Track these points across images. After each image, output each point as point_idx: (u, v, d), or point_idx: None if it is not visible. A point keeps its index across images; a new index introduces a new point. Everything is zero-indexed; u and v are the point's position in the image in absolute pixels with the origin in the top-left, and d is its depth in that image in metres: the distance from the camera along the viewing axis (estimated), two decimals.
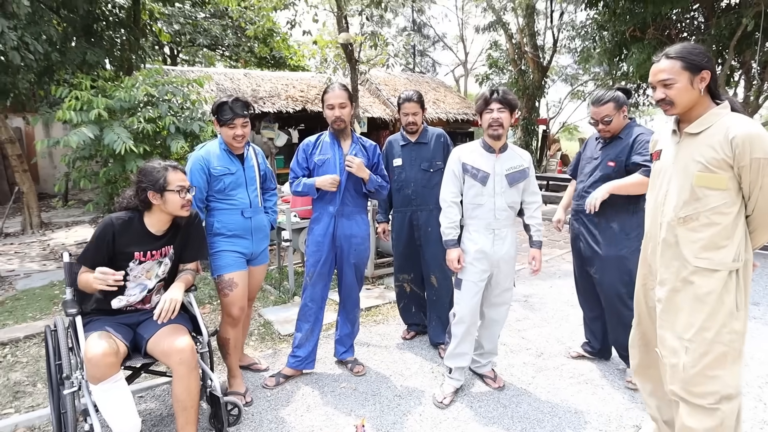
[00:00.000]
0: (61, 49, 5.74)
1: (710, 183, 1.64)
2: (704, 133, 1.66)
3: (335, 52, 9.36)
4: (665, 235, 1.76)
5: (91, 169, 5.12)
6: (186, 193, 2.02)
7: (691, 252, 1.69)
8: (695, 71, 1.65)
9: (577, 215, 2.73)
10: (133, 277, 2.04)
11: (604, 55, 8.48)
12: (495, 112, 2.31)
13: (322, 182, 2.50)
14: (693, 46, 1.70)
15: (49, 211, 8.66)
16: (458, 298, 2.48)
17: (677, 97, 1.67)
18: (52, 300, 4.03)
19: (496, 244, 2.40)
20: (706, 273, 1.67)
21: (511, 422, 2.32)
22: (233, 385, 2.49)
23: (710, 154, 1.63)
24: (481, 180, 2.37)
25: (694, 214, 1.68)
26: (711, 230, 1.66)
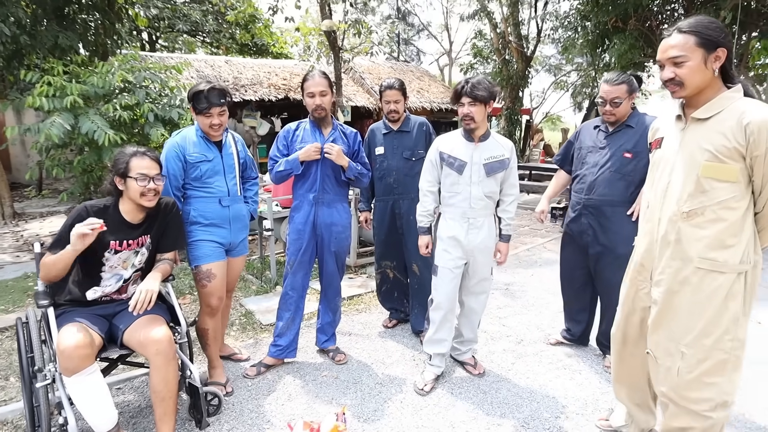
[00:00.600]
0: (31, 32, 5.51)
1: (719, 174, 1.48)
2: (714, 119, 1.50)
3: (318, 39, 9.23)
4: (665, 231, 1.61)
5: (65, 157, 4.97)
6: (149, 181, 1.94)
7: (695, 250, 1.53)
8: (710, 48, 1.46)
9: (586, 210, 2.59)
10: (109, 267, 1.99)
11: (587, 46, 8.55)
12: (466, 107, 2.30)
13: (305, 153, 2.45)
14: (710, 20, 1.50)
15: (23, 201, 8.40)
16: (435, 284, 2.50)
17: (688, 77, 1.49)
18: (25, 292, 3.93)
19: (471, 233, 2.41)
20: (711, 274, 1.52)
21: (491, 407, 2.35)
22: (214, 376, 2.47)
23: (720, 141, 1.47)
24: (457, 169, 2.38)
25: (700, 208, 1.52)
26: (717, 227, 1.50)
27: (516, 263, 4.86)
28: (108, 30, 6.83)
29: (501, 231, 2.54)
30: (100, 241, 1.93)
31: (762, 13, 6.39)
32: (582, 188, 2.62)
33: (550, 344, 3.01)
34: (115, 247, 1.97)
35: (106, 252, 1.96)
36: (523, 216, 7.53)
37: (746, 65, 7.40)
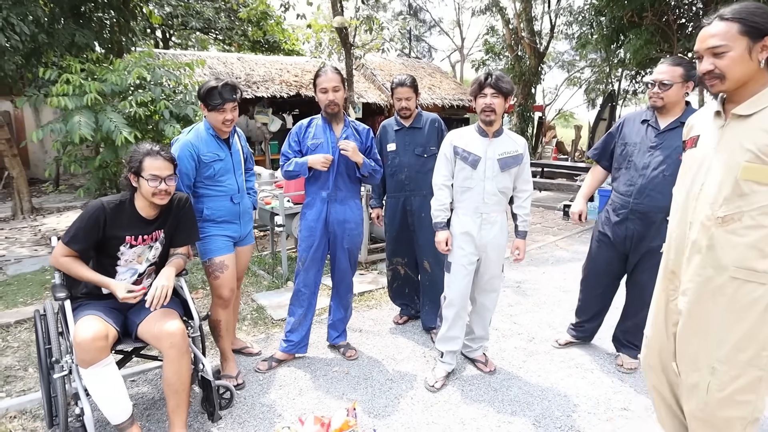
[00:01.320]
0: (49, 31, 5.60)
1: (761, 176, 1.35)
2: (758, 116, 1.37)
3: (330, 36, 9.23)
4: (696, 236, 1.49)
5: (82, 153, 5.05)
6: (160, 182, 1.94)
7: (730, 259, 1.42)
8: (756, 37, 1.33)
9: (633, 215, 2.41)
10: (124, 261, 2.02)
11: (602, 41, 8.42)
12: (488, 98, 2.28)
13: (314, 161, 2.46)
14: (757, 5, 1.36)
15: (41, 197, 8.57)
16: (448, 281, 2.49)
17: (729, 69, 1.36)
18: (43, 285, 4.01)
19: (484, 229, 2.40)
20: (748, 285, 1.41)
21: (502, 405, 2.34)
22: (226, 368, 2.50)
23: (764, 140, 1.34)
24: (471, 163, 2.36)
25: (737, 213, 1.39)
26: (756, 234, 1.38)
27: (528, 261, 4.82)
28: (123, 28, 6.91)
29: (517, 227, 2.50)
30: (116, 236, 1.96)
31: None
32: (630, 191, 2.42)
33: (560, 346, 2.94)
34: (130, 241, 2.00)
35: (121, 246, 1.99)
36: (535, 213, 7.47)
37: None
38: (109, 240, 1.96)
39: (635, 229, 2.43)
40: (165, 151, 2.00)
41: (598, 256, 2.66)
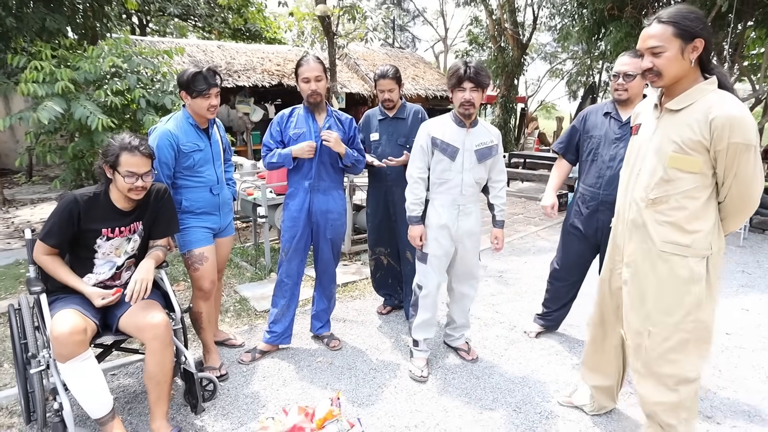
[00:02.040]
0: (17, 15, 5.38)
1: (683, 165, 1.54)
2: (685, 111, 1.54)
3: (312, 24, 9.11)
4: (634, 215, 1.70)
5: (56, 143, 4.90)
6: (137, 179, 1.90)
7: (659, 235, 1.62)
8: (688, 39, 1.49)
9: (604, 206, 2.45)
10: (102, 254, 1.98)
11: (583, 34, 8.49)
12: (467, 92, 2.24)
13: (299, 150, 2.43)
14: (689, 9, 1.52)
15: (12, 188, 8.29)
16: (423, 272, 2.49)
17: (665, 68, 1.52)
18: (17, 279, 3.90)
19: (461, 220, 2.41)
20: (674, 258, 1.60)
21: (483, 393, 2.39)
22: (209, 360, 2.48)
23: (687, 134, 1.52)
24: (450, 155, 2.34)
25: (665, 196, 1.59)
26: (680, 214, 1.58)
27: (510, 251, 4.89)
28: (97, 13, 6.68)
29: (495, 217, 2.52)
30: (92, 229, 1.92)
31: (757, 2, 6.38)
32: (599, 183, 2.47)
33: (532, 338, 2.95)
34: (107, 234, 1.96)
35: (98, 239, 1.95)
36: (516, 204, 7.56)
37: (741, 54, 7.41)
38: (85, 233, 1.92)
39: (605, 220, 2.45)
40: (143, 146, 1.92)
41: (569, 249, 2.70)
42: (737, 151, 1.46)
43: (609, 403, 2.18)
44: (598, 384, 2.13)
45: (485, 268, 4.29)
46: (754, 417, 2.22)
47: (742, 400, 2.35)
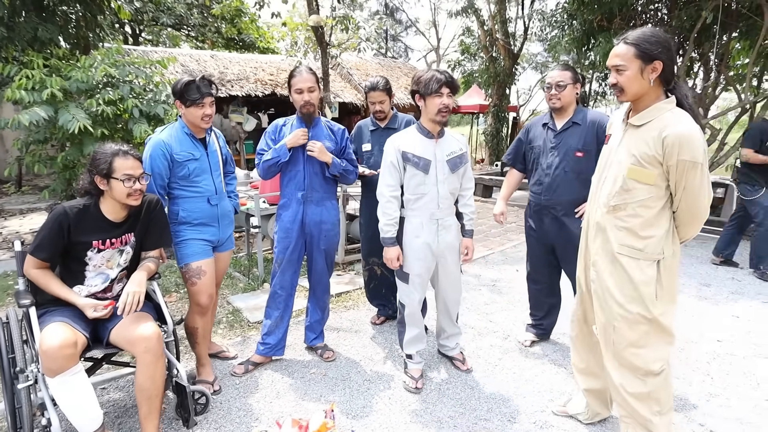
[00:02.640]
0: (9, 24, 5.36)
1: (640, 177, 1.68)
2: (644, 127, 1.68)
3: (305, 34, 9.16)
4: (599, 218, 1.84)
5: (46, 153, 4.85)
6: (134, 182, 1.91)
7: (616, 239, 1.77)
8: (647, 61, 1.62)
9: (547, 210, 2.63)
10: (93, 266, 1.96)
11: (573, 44, 8.61)
12: (445, 98, 2.20)
13: (293, 139, 2.43)
14: (652, 33, 1.65)
15: (2, 198, 8.20)
16: (406, 291, 2.43)
17: (626, 85, 1.67)
18: (5, 291, 3.84)
19: (441, 235, 2.35)
20: (628, 260, 1.75)
21: (478, 402, 2.38)
22: (202, 374, 2.45)
23: (643, 149, 1.66)
24: (423, 168, 2.27)
25: (623, 204, 1.74)
26: (635, 221, 1.72)
27: (503, 260, 4.91)
28: (89, 23, 6.67)
29: (464, 227, 2.47)
30: (82, 242, 1.90)
31: (742, 14, 6.52)
32: (540, 189, 2.66)
33: (525, 346, 2.97)
34: (98, 246, 1.94)
35: (88, 251, 1.93)
36: (510, 213, 7.60)
37: (726, 65, 7.55)
38: (75, 245, 1.90)
39: (549, 223, 2.65)
40: (133, 150, 1.95)
41: (532, 250, 2.85)
42: (685, 167, 1.60)
43: (603, 410, 2.19)
44: (590, 387, 2.15)
45: (479, 277, 4.30)
46: (746, 424, 2.23)
47: (734, 406, 2.37)
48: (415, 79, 2.29)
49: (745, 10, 6.29)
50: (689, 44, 7.01)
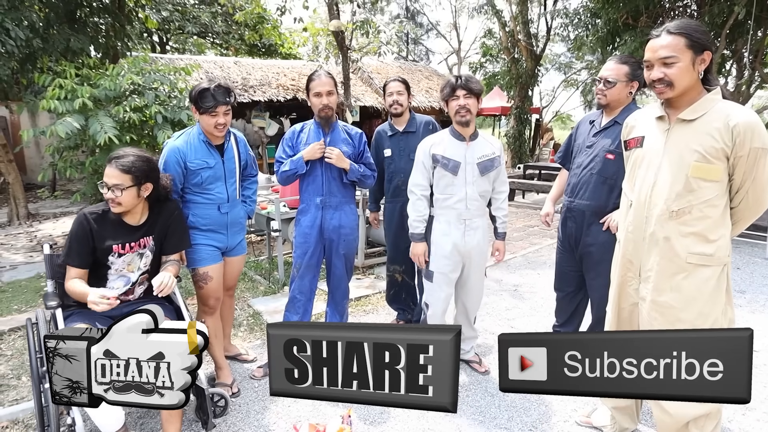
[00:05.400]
0: (44, 36, 5.59)
1: (707, 174, 1.55)
2: (700, 120, 1.56)
3: (327, 39, 9.24)
4: (653, 229, 1.66)
5: (77, 158, 5.03)
6: (108, 190, 1.89)
7: (683, 247, 1.61)
8: (698, 51, 1.52)
9: (570, 213, 2.46)
10: (115, 270, 2.01)
11: (597, 43, 8.42)
12: (461, 99, 2.27)
13: (310, 152, 2.43)
14: (696, 23, 1.58)
15: (37, 202, 8.54)
16: (431, 290, 2.45)
17: (678, 78, 1.53)
18: (37, 292, 3.98)
19: (468, 235, 2.38)
20: (699, 269, 1.60)
21: (498, 411, 2.33)
22: (220, 377, 2.48)
23: (709, 142, 1.53)
24: (452, 169, 2.32)
25: (687, 207, 1.59)
26: (703, 224, 1.59)
27: (525, 264, 4.81)
28: (118, 32, 6.91)
29: (497, 229, 2.52)
30: (103, 247, 1.95)
31: None
32: (568, 191, 2.49)
33: None
34: (117, 250, 1.98)
35: (109, 256, 1.97)
36: (532, 216, 7.46)
37: (761, 62, 7.25)
38: (97, 250, 1.95)
39: (573, 227, 2.46)
40: (124, 160, 1.91)
41: (559, 258, 2.69)
42: (758, 155, 1.50)
43: (630, 424, 2.10)
44: (616, 404, 2.07)
45: (500, 282, 4.23)
46: None
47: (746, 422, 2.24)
48: (440, 88, 2.44)
49: None
50: (721, 40, 6.75)
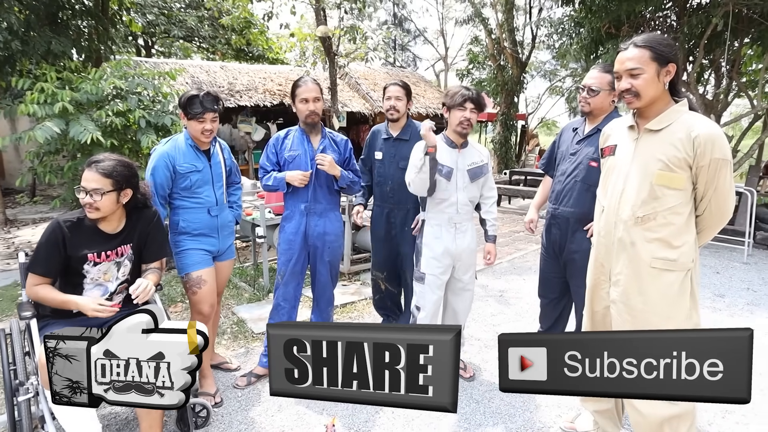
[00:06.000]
0: (24, 38, 5.49)
1: (670, 182, 1.62)
2: (665, 131, 1.63)
3: (314, 45, 9.24)
4: (621, 234, 1.73)
5: (57, 164, 4.93)
6: (86, 195, 1.83)
7: (648, 252, 1.67)
8: (663, 63, 1.60)
9: (555, 220, 2.49)
10: (90, 279, 1.95)
11: (581, 51, 8.58)
12: (468, 112, 2.33)
13: (291, 177, 2.44)
14: (661, 36, 1.66)
15: (15, 207, 8.33)
16: (421, 292, 2.48)
17: (643, 89, 1.61)
18: (14, 300, 3.87)
19: (458, 238, 2.44)
20: (663, 273, 1.66)
21: (483, 418, 2.33)
22: (204, 386, 2.44)
23: (672, 152, 1.60)
24: (445, 175, 2.38)
25: (652, 213, 1.66)
26: (667, 230, 1.65)
27: (511, 269, 4.84)
28: (101, 36, 6.81)
29: (487, 232, 2.59)
30: (78, 255, 1.89)
31: (753, 20, 6.44)
32: (551, 197, 2.53)
33: None
34: (93, 259, 1.92)
35: (84, 264, 1.92)
36: (518, 221, 7.53)
37: (738, 71, 7.45)
38: (71, 258, 1.89)
39: (557, 234, 2.48)
40: (104, 164, 1.87)
41: (543, 265, 2.69)
42: (718, 166, 1.56)
43: (613, 428, 2.12)
44: (597, 408, 2.08)
45: (485, 287, 4.24)
46: None
47: (751, 423, 2.28)
48: (446, 92, 2.48)
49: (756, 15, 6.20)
50: (699, 51, 6.93)
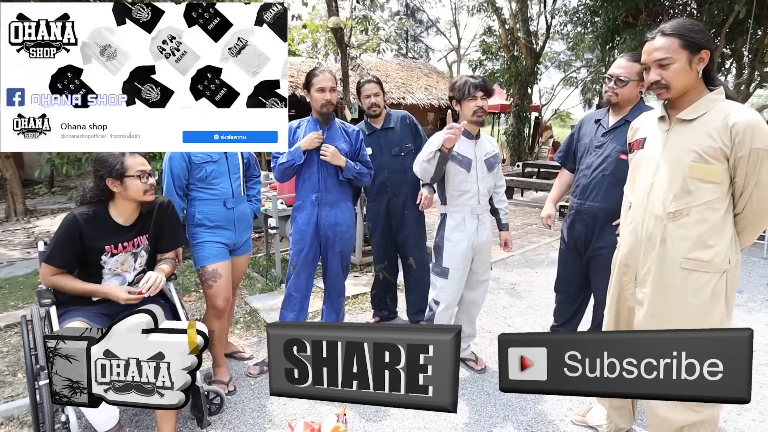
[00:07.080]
0: None
1: (705, 175, 1.50)
2: (699, 120, 1.52)
3: (326, 36, 9.21)
4: (650, 232, 1.63)
5: (74, 155, 5.01)
6: (147, 177, 1.94)
7: (680, 251, 1.56)
8: (694, 51, 1.49)
9: (579, 216, 2.39)
10: (109, 269, 1.99)
11: (597, 41, 8.42)
12: (479, 100, 2.33)
13: (307, 142, 2.42)
14: (692, 22, 1.54)
15: (34, 198, 8.52)
16: (444, 286, 2.46)
17: (674, 80, 1.51)
18: (34, 288, 3.97)
19: (480, 230, 2.46)
20: (695, 274, 1.55)
21: (494, 410, 2.33)
22: (218, 374, 2.48)
23: (707, 142, 1.49)
24: (466, 166, 2.39)
25: (685, 209, 1.54)
26: (702, 228, 1.53)
27: (523, 262, 4.81)
28: None
29: (501, 221, 2.62)
30: (95, 247, 1.93)
31: None
32: (576, 192, 2.42)
33: None
34: (110, 251, 1.96)
35: (102, 256, 1.96)
36: (530, 214, 7.47)
37: (761, 60, 7.24)
38: (88, 251, 1.93)
39: (582, 230, 2.39)
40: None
41: (563, 261, 2.62)
42: (759, 157, 1.44)
43: (626, 423, 2.10)
44: (612, 403, 2.07)
45: (497, 280, 4.23)
46: None
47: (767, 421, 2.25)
48: (451, 86, 2.44)
49: None
50: (720, 39, 6.74)
